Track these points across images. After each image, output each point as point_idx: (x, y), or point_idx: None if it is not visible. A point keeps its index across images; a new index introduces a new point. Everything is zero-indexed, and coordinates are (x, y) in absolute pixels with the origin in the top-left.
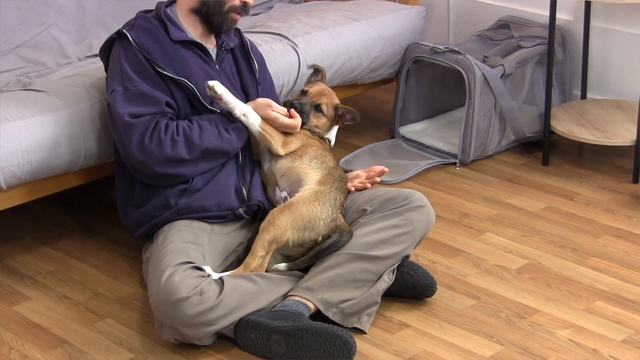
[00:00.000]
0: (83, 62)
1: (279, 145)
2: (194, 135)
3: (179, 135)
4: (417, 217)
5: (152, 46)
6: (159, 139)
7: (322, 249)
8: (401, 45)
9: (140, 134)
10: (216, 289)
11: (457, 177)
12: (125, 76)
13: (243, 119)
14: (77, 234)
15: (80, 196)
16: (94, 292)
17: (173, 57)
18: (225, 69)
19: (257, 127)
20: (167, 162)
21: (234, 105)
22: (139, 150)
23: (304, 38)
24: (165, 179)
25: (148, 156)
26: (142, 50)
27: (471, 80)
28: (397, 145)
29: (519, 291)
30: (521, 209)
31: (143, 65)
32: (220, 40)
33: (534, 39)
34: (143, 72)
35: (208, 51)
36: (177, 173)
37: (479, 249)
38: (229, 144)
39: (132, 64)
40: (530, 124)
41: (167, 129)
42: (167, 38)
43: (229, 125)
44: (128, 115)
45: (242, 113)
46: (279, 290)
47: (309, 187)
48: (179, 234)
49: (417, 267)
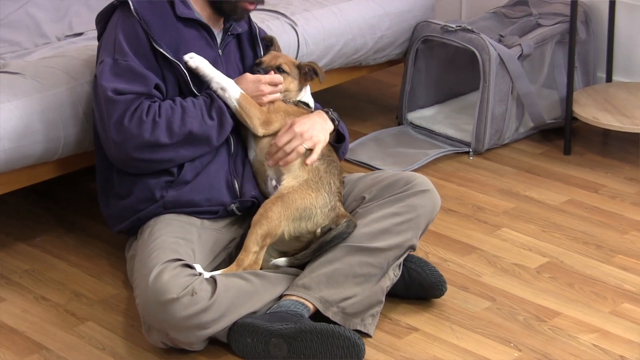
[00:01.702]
0: (63, 42)
1: (258, 124)
2: (175, 117)
3: (160, 117)
4: (421, 203)
5: (153, 19)
6: (140, 120)
7: (327, 241)
8: (409, 23)
9: (120, 112)
10: (208, 288)
11: (471, 168)
12: (118, 48)
13: (220, 92)
14: (56, 230)
15: (59, 188)
16: (74, 292)
17: (173, 35)
18: (228, 55)
19: (234, 102)
20: (145, 146)
21: (211, 77)
22: (116, 129)
23: (304, 15)
24: (141, 165)
25: (125, 137)
26: (141, 22)
27: (486, 61)
28: (405, 132)
29: (539, 292)
30: (541, 202)
31: (139, 40)
32: (227, 24)
33: (554, 16)
34: (137, 47)
35: (214, 34)
36: (155, 159)
37: (494, 246)
38: (213, 129)
39: (128, 36)
40: (551, 110)
41: (150, 110)
42: (172, 14)
43: (212, 108)
44: (111, 91)
45: (220, 86)
46: (275, 290)
47: (294, 173)
48: (166, 228)
49: (424, 264)
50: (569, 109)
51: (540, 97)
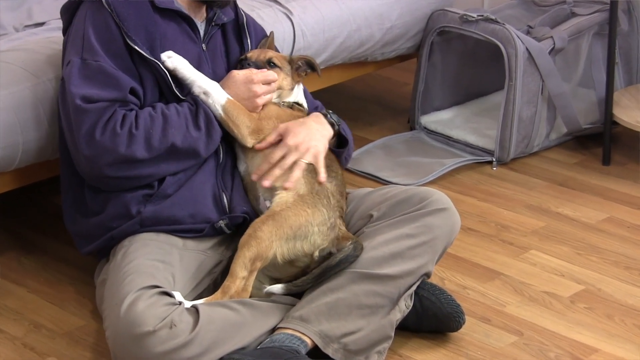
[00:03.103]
0: (21, 34)
1: (246, 134)
2: (156, 128)
3: (138, 128)
4: (438, 223)
5: (127, 11)
6: (114, 132)
7: (331, 265)
8: (423, 12)
9: (91, 123)
10: (189, 320)
11: (494, 180)
12: (87, 45)
13: (203, 97)
14: (12, 251)
15: (17, 203)
16: (33, 323)
17: (151, 29)
18: (214, 49)
19: (218, 108)
20: (119, 163)
21: (192, 80)
22: (87, 143)
23: (300, 3)
24: (116, 182)
25: (97, 153)
26: (114, 15)
27: (512, 56)
28: (418, 138)
29: (573, 325)
30: (575, 220)
31: (112, 35)
32: (211, 13)
33: (591, 4)
34: (110, 44)
35: (196, 26)
36: (132, 175)
37: (521, 271)
38: (199, 141)
39: (98, 31)
40: (587, 113)
41: (125, 121)
42: (149, 5)
43: (198, 117)
44: (80, 99)
45: (203, 91)
46: (267, 322)
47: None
48: (143, 249)
49: (440, 292)
50: (608, 111)
51: (575, 98)
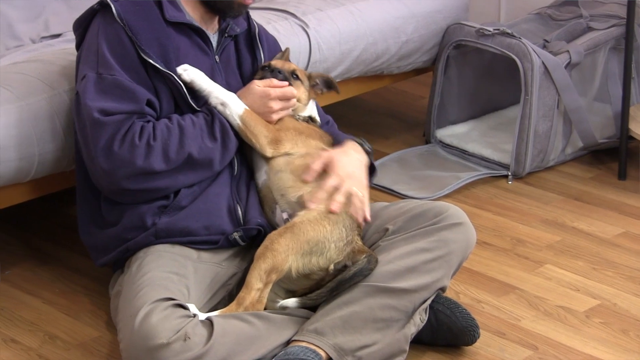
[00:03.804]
0: (38, 45)
1: (265, 144)
2: (173, 139)
3: (155, 140)
4: (453, 238)
5: (140, 25)
6: (132, 144)
7: (346, 278)
8: (439, 25)
9: (109, 136)
10: (204, 332)
11: (510, 194)
12: (102, 60)
13: (221, 108)
14: (27, 262)
15: (32, 214)
16: (48, 334)
17: (164, 42)
18: (227, 61)
19: (236, 119)
20: (137, 175)
21: (209, 91)
22: (105, 156)
23: (316, 15)
24: (134, 195)
25: (115, 166)
26: (126, 29)
27: (528, 70)
28: (433, 152)
29: (588, 340)
30: (591, 234)
31: (125, 49)
32: (224, 24)
33: (608, 18)
34: (123, 58)
35: (208, 38)
36: (149, 187)
37: (536, 286)
38: (216, 151)
39: (112, 45)
40: (603, 127)
41: (143, 133)
42: (160, 18)
43: (214, 127)
44: (98, 112)
45: (220, 102)
46: (281, 335)
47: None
48: (157, 261)
49: (454, 306)
50: (624, 126)
51: (591, 113)
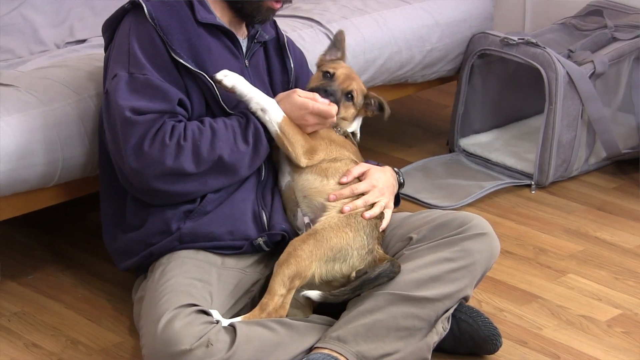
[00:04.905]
0: (62, 50)
1: (301, 153)
2: (204, 141)
3: (186, 140)
4: (478, 248)
5: (171, 25)
6: (163, 144)
7: (370, 278)
8: (464, 34)
9: (140, 135)
10: (226, 339)
11: (533, 203)
12: (133, 60)
13: (260, 114)
14: (50, 266)
15: (55, 218)
16: (70, 339)
17: (195, 43)
18: (256, 65)
19: (274, 126)
20: (167, 175)
21: (250, 97)
22: (135, 155)
23: (341, 24)
24: (162, 197)
25: (145, 165)
26: (157, 29)
27: (552, 80)
28: (457, 161)
29: (610, 349)
30: (613, 244)
31: (157, 49)
32: (252, 31)
33: (632, 29)
34: (155, 58)
35: (239, 42)
36: (178, 191)
37: (558, 295)
38: (246, 156)
39: (143, 45)
40: (627, 137)
41: (174, 132)
42: (192, 18)
43: (247, 131)
44: (130, 110)
45: (260, 107)
46: (304, 342)
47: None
48: (181, 267)
49: (477, 314)
50: None
51: (615, 123)
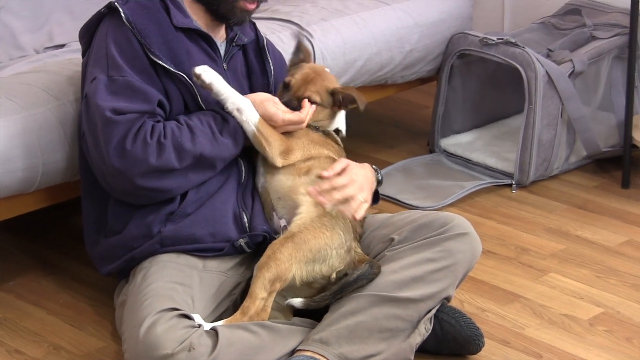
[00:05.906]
0: (42, 55)
1: (276, 153)
2: (184, 138)
3: (166, 138)
4: (459, 248)
5: (148, 28)
6: (144, 142)
7: (349, 281)
8: (443, 35)
9: (122, 134)
10: (208, 343)
11: (514, 203)
12: (112, 63)
13: (236, 114)
14: (32, 272)
15: (37, 224)
16: (53, 345)
17: (173, 45)
18: (234, 68)
19: (251, 126)
20: (152, 172)
21: (226, 96)
22: (118, 155)
23: (320, 26)
24: (148, 195)
25: (129, 164)
26: (135, 32)
27: (531, 80)
28: (438, 161)
29: (592, 347)
30: (595, 243)
31: (135, 52)
32: (232, 34)
33: (611, 27)
34: (134, 60)
35: (216, 45)
36: (163, 187)
37: (540, 294)
38: (225, 149)
39: (121, 48)
40: (607, 136)
41: (154, 131)
42: (169, 22)
43: (224, 125)
44: (110, 111)
45: (236, 107)
46: (286, 344)
47: (307, 210)
48: (162, 272)
49: (459, 315)
50: (628, 135)
51: (595, 122)
